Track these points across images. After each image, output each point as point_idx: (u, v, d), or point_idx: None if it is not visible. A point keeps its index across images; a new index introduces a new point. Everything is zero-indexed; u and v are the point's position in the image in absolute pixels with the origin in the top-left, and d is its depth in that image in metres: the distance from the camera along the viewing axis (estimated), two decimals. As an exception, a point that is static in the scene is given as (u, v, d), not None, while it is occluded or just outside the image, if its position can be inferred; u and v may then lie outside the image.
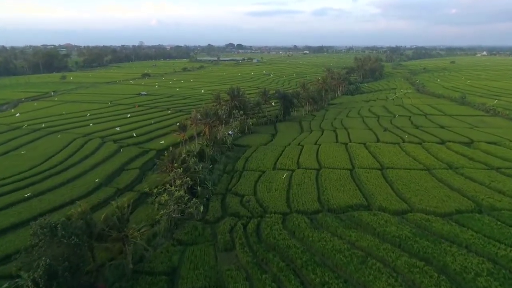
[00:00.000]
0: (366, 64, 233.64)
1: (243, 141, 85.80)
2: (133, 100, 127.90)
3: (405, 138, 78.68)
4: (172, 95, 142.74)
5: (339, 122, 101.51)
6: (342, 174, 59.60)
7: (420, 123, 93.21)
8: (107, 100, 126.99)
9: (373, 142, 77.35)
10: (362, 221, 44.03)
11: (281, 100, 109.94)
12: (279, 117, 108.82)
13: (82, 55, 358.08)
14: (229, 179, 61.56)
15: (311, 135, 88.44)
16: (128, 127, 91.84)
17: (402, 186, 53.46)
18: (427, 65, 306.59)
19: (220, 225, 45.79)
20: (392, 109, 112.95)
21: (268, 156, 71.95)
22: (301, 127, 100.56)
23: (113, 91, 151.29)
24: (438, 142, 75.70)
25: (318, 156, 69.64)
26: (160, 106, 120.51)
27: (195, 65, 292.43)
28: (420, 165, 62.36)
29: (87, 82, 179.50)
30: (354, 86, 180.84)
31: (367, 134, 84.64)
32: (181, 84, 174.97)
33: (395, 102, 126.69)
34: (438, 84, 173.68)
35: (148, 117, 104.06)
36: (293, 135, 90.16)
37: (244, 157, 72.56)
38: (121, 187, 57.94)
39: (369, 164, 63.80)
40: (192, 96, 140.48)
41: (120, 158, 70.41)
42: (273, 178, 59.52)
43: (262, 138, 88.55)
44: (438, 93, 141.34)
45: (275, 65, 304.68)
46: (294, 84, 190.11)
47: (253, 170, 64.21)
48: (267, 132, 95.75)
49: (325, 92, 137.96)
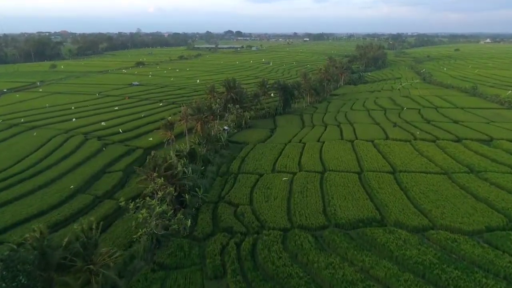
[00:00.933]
0: (368, 52, 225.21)
1: (239, 137, 78.88)
2: (124, 91, 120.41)
3: (416, 135, 71.72)
4: (165, 85, 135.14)
5: (343, 115, 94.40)
6: (350, 179, 52.84)
7: (431, 117, 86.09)
8: (96, 91, 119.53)
9: (382, 140, 70.44)
10: (377, 240, 37.40)
11: (280, 91, 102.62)
12: (278, 109, 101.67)
13: (77, 43, 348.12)
14: (222, 184, 54.83)
15: (313, 131, 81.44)
16: (115, 121, 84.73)
17: (419, 194, 46.72)
18: (430, 52, 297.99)
19: (210, 243, 39.14)
20: (399, 101, 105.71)
21: (267, 155, 65.11)
22: (302, 121, 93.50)
23: (104, 81, 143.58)
24: (454, 139, 68.78)
25: (321, 156, 62.81)
26: (152, 97, 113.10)
27: (192, 53, 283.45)
28: (436, 168, 55.57)
29: (78, 71, 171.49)
30: (357, 75, 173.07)
31: (374, 130, 77.67)
32: (176, 74, 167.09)
33: (402, 93, 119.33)
34: (445, 73, 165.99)
35: (138, 110, 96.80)
36: (293, 131, 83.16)
37: (240, 156, 65.75)
38: (100, 194, 51.17)
39: (379, 166, 56.99)
40: (187, 87, 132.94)
41: (102, 158, 63.51)
42: (272, 183, 52.78)
43: (260, 133, 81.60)
44: (446, 83, 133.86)
45: (274, 53, 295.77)
46: (295, 73, 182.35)
47: (249, 173, 57.43)
48: (266, 126, 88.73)
49: (327, 82, 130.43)
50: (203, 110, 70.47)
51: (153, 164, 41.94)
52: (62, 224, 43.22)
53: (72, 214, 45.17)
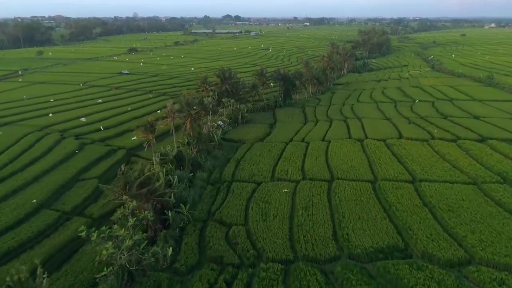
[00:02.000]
0: (372, 38, 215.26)
1: (235, 135, 70.81)
2: (111, 81, 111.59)
3: (434, 133, 63.66)
4: (157, 74, 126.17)
5: (349, 108, 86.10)
6: (362, 190, 45.00)
7: (448, 111, 77.80)
8: (81, 80, 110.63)
9: (395, 139, 62.44)
10: (403, 281, 29.69)
11: (281, 81, 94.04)
12: (278, 101, 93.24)
13: (69, 28, 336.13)
14: (214, 194, 46.99)
15: (317, 127, 73.27)
16: (98, 116, 76.43)
17: (448, 213, 38.96)
18: (435, 38, 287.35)
19: (194, 281, 31.47)
20: (410, 92, 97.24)
21: (265, 158, 57.19)
22: (305, 114, 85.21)
23: (91, 69, 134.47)
24: (477, 139, 60.76)
25: (328, 160, 54.88)
26: (141, 88, 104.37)
27: (189, 39, 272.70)
28: (463, 176, 47.71)
29: (66, 59, 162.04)
30: (361, 63, 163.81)
31: (385, 127, 69.54)
32: (169, 61, 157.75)
33: (411, 83, 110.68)
34: (454, 60, 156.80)
35: (124, 102, 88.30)
36: (295, 127, 74.99)
37: (235, 159, 57.83)
38: (68, 209, 43.34)
39: (395, 173, 49.08)
40: (180, 75, 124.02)
41: (77, 162, 55.47)
42: (271, 195, 44.98)
43: (258, 130, 73.49)
44: (457, 72, 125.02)
45: (274, 38, 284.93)
46: (295, 60, 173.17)
47: (245, 181, 49.62)
48: (265, 121, 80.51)
49: (331, 70, 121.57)
50: (193, 105, 62.16)
51: (123, 181, 33.85)
52: (14, 252, 35.53)
53: (29, 238, 37.41)
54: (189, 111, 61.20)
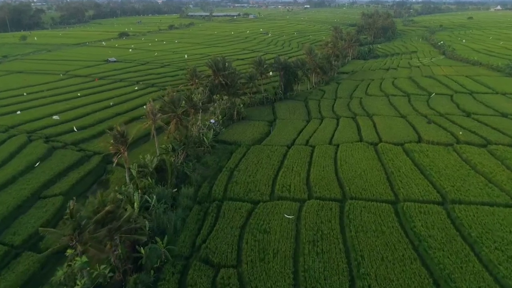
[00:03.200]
0: (377, 22, 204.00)
1: (229, 135, 62.12)
2: (96, 70, 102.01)
3: (459, 136, 55.03)
4: (147, 61, 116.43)
5: (357, 103, 77.14)
6: (383, 215, 36.66)
7: (470, 107, 68.92)
8: (62, 70, 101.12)
9: (415, 143, 53.85)
10: None
11: (281, 71, 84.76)
12: (278, 94, 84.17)
13: (60, 10, 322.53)
14: (200, 219, 38.64)
15: (322, 126, 64.50)
16: (74, 113, 67.54)
17: (496, 253, 30.68)
18: (441, 21, 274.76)
19: None
20: (423, 83, 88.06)
21: (263, 167, 48.72)
22: (308, 110, 76.25)
23: (77, 56, 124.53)
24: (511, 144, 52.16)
25: (338, 171, 46.42)
26: (128, 78, 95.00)
27: (185, 22, 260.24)
28: (504, 196, 39.32)
29: (51, 44, 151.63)
30: (367, 49, 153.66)
31: (401, 126, 60.81)
32: (162, 47, 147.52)
33: (423, 72, 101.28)
34: (465, 46, 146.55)
35: (106, 96, 79.15)
36: (298, 125, 66.25)
37: (228, 167, 49.37)
38: (19, 242, 35.03)
39: (420, 191, 40.66)
40: (172, 63, 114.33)
41: (42, 173, 46.98)
42: (270, 221, 36.70)
43: (256, 128, 64.83)
44: (472, 59, 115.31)
45: (273, 21, 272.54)
46: (296, 45, 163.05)
47: (239, 200, 41.26)
48: (263, 117, 71.73)
49: (335, 58, 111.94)
50: (179, 103, 53.25)
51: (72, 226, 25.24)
52: None
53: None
54: (174, 111, 52.33)
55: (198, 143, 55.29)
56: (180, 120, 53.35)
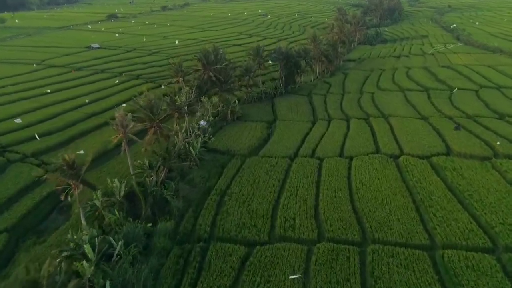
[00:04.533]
0: (383, 3, 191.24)
1: (222, 141, 52.88)
2: (76, 59, 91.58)
3: (496, 147, 45.81)
4: (134, 48, 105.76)
5: (369, 99, 67.55)
6: (417, 270, 27.91)
7: (501, 107, 59.38)
8: (39, 58, 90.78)
9: (443, 156, 44.75)
10: None
11: (282, 62, 74.72)
12: (278, 88, 74.35)
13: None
14: (179, 271, 29.75)
15: (331, 131, 55.08)
16: (40, 114, 58.09)
17: None
18: (449, 1, 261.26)
19: None
20: (441, 75, 78.20)
21: (261, 189, 39.84)
22: (313, 107, 66.69)
23: (57, 41, 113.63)
24: (562, 159, 43.04)
25: (353, 198, 37.43)
26: (111, 68, 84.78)
27: (179, 2, 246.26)
28: None
29: (33, 27, 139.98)
30: (374, 32, 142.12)
31: (423, 132, 51.52)
32: (152, 30, 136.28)
33: (440, 61, 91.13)
34: (480, 29, 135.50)
35: (83, 91, 69.33)
36: (301, 128, 56.90)
37: (218, 189, 40.46)
38: None
39: (461, 231, 31.79)
40: (161, 50, 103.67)
41: (-14, 200, 37.89)
42: (271, 278, 27.85)
43: (252, 133, 55.58)
44: (491, 46, 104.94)
45: (273, 1, 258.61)
46: (297, 28, 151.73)
47: (230, 241, 32.40)
48: (261, 117, 62.44)
49: (342, 44, 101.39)
50: (158, 110, 43.76)
51: None
52: None
53: None
54: (152, 118, 42.89)
55: (183, 154, 46.07)
56: (160, 129, 44.01)
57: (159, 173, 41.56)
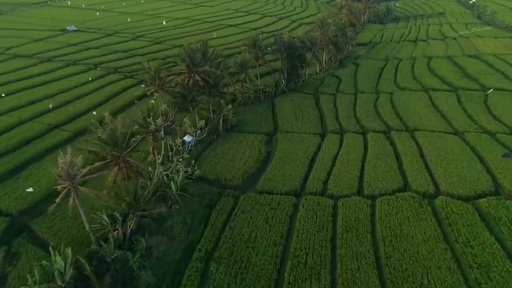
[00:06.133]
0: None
1: (210, 165, 43.11)
2: (47, 47, 79.48)
3: (559, 184, 35.86)
4: (115, 31, 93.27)
5: (387, 102, 56.88)
6: None
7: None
8: (3, 46, 78.69)
9: (493, 198, 34.80)
10: None
11: (284, 53, 63.26)
12: (279, 86, 63.40)
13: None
14: None
15: (344, 152, 44.63)
16: (-11, 128, 47.52)
17: None
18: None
19: None
20: (470, 68, 67.07)
21: (259, 249, 30.28)
22: (321, 112, 56.13)
23: (30, 22, 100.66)
24: None
25: (382, 274, 27.82)
26: (85, 59, 72.94)
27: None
28: None
29: (6, 4, 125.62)
30: (384, 8, 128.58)
31: (460, 157, 41.36)
32: (139, 7, 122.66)
33: (464, 48, 79.48)
34: (503, 6, 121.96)
35: (47, 92, 58.27)
36: (308, 145, 46.60)
37: (203, 249, 31.01)
38: None
39: None
40: (146, 34, 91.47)
41: None
42: None
43: (248, 152, 45.71)
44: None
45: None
46: (299, 4, 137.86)
47: None
48: (259, 125, 52.53)
49: (351, 27, 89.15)
50: (126, 140, 33.37)
51: None
52: None
53: None
54: (117, 153, 32.58)
55: (159, 195, 36.10)
56: (128, 166, 33.79)
57: (126, 223, 31.99)
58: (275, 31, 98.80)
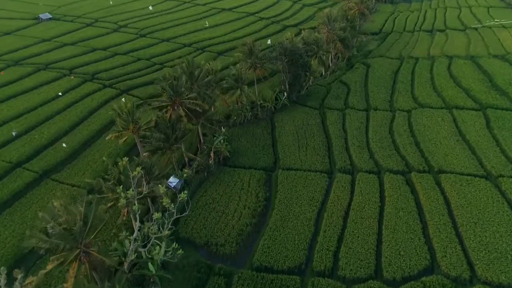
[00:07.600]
0: None
1: (198, 221, 36.45)
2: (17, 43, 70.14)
3: None
4: (96, 19, 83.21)
5: (405, 127, 48.95)
6: None
7: None
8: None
9: (543, 290, 28.28)
10: None
11: (285, 60, 54.61)
12: (280, 100, 55.25)
13: None
14: None
15: (358, 203, 37.63)
16: None
17: None
18: None
19: None
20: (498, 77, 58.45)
21: None
22: (327, 136, 48.56)
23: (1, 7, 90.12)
24: None
25: None
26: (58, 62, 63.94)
27: None
28: None
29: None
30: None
31: (496, 216, 34.55)
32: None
33: (489, 45, 70.24)
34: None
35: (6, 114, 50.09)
36: (314, 190, 39.62)
37: None
38: None
39: None
40: (130, 23, 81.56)
41: None
42: None
43: (244, 200, 39.09)
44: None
45: None
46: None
47: None
48: (257, 157, 45.37)
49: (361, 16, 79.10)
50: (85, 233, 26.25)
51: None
52: None
53: None
54: (76, 247, 25.61)
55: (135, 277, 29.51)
56: (88, 257, 26.89)
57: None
58: (274, 16, 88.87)
